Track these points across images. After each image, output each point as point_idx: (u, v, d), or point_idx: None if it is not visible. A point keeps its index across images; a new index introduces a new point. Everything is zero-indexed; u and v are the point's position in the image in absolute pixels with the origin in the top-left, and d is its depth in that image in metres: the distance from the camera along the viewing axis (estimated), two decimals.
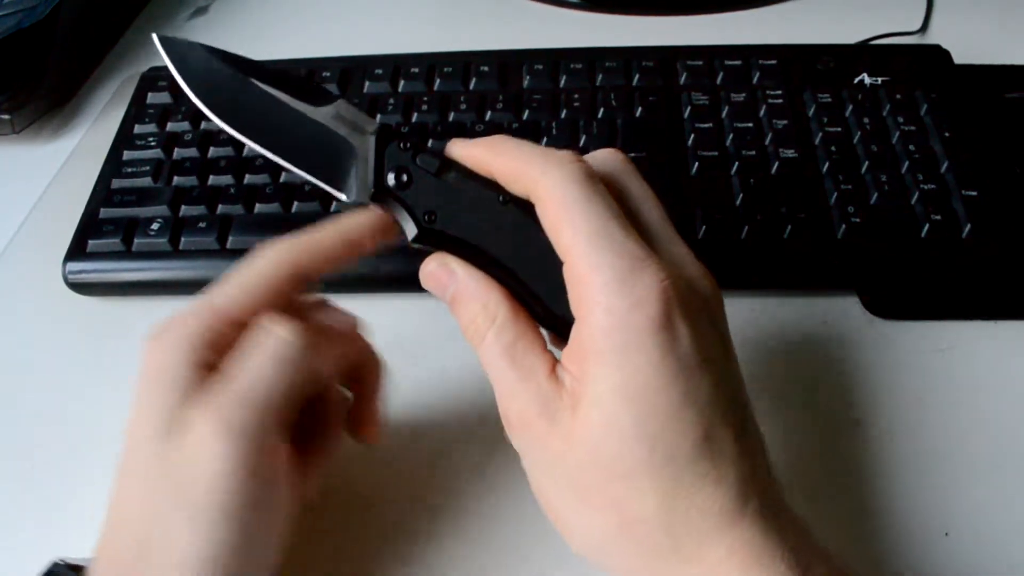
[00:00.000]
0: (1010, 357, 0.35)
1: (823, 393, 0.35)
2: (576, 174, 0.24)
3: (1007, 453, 0.32)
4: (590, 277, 0.22)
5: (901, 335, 0.36)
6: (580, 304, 0.23)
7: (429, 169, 0.26)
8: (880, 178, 0.38)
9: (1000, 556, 0.30)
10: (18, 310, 0.41)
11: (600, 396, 0.22)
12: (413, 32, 0.54)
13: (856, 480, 0.32)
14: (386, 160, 0.26)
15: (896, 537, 0.30)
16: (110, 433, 0.36)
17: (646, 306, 0.22)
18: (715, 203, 0.38)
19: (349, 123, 0.27)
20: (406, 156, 0.26)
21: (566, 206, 0.23)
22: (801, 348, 0.36)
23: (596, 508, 0.23)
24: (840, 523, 0.31)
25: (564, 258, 0.23)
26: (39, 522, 0.33)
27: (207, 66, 0.27)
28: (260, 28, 0.56)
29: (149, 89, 0.46)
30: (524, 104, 0.43)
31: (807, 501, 0.31)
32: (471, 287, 0.25)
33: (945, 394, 0.34)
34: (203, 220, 0.39)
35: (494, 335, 0.24)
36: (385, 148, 0.26)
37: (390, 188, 0.26)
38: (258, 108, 0.26)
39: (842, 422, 0.34)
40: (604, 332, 0.22)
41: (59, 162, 0.47)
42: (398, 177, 0.26)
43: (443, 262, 0.26)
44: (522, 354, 0.24)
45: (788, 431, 0.33)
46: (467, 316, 0.25)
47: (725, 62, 0.44)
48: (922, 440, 0.33)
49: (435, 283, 0.26)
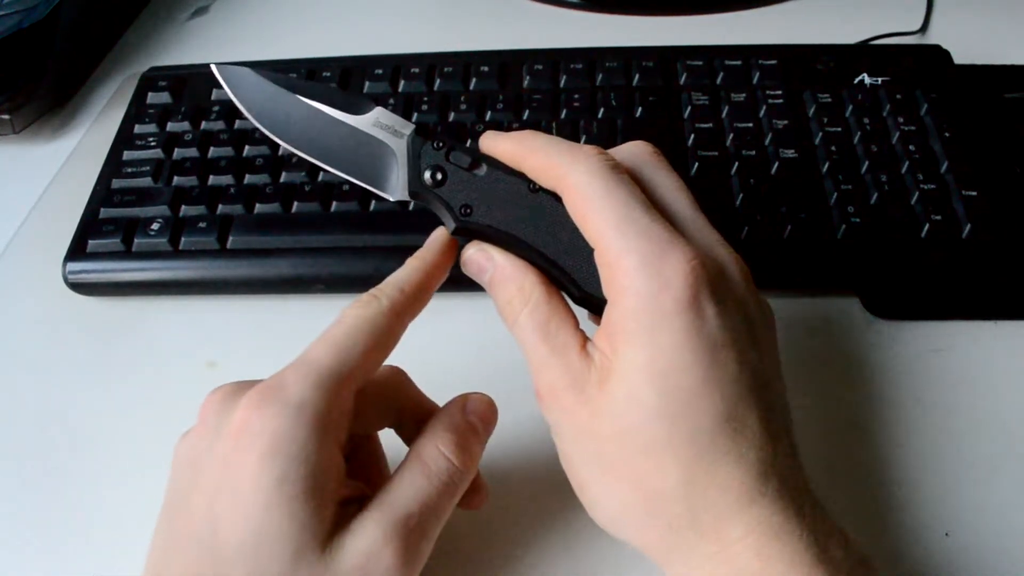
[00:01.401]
0: (1010, 357, 0.35)
1: (823, 393, 0.35)
2: (600, 167, 0.25)
3: (1007, 453, 0.32)
4: (618, 262, 0.24)
5: (901, 335, 0.36)
6: (611, 287, 0.24)
7: (461, 165, 0.27)
8: (880, 178, 0.38)
9: (1000, 556, 0.30)
10: (18, 310, 0.41)
11: (626, 373, 0.23)
12: (413, 32, 0.54)
13: (856, 480, 0.32)
14: (421, 160, 0.28)
15: (896, 537, 0.30)
16: (110, 433, 0.36)
17: (673, 288, 0.23)
18: (715, 203, 0.38)
19: (388, 128, 0.28)
20: (440, 155, 0.28)
21: (591, 198, 0.24)
22: (801, 348, 0.36)
23: (619, 480, 0.24)
24: (840, 523, 0.31)
25: (595, 246, 0.25)
26: (38, 522, 0.33)
27: (259, 88, 0.29)
28: (260, 28, 0.56)
29: (149, 89, 0.46)
30: (524, 104, 0.43)
31: None
32: (508, 270, 0.27)
33: (945, 394, 0.34)
34: (203, 220, 0.39)
35: (528, 313, 0.26)
36: (420, 149, 0.28)
37: (427, 186, 0.28)
38: (306, 122, 0.29)
39: (842, 422, 0.34)
40: (633, 314, 0.23)
41: (59, 162, 0.47)
42: (433, 175, 0.28)
43: (482, 247, 0.27)
44: (555, 331, 0.25)
45: None
46: (504, 297, 0.26)
47: (725, 62, 0.44)
48: (922, 440, 0.33)
49: (475, 267, 0.27)
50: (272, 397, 0.24)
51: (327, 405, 0.24)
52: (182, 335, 0.39)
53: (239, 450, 0.23)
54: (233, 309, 0.39)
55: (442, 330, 0.36)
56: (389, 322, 0.26)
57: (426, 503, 0.25)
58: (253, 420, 0.23)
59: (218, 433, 0.24)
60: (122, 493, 0.33)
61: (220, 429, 0.24)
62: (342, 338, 0.25)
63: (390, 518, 0.24)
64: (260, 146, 0.42)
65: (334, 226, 0.39)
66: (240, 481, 0.23)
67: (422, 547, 0.25)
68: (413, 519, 0.24)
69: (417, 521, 0.24)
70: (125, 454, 0.35)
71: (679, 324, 0.23)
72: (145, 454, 0.33)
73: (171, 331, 0.39)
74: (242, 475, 0.23)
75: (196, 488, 0.24)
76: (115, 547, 0.32)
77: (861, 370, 0.35)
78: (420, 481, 0.25)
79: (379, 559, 0.23)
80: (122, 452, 0.35)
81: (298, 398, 0.23)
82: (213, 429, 0.24)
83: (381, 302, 0.26)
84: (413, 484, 0.25)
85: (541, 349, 0.25)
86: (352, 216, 0.39)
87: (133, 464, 0.34)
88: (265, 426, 0.23)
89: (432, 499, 0.25)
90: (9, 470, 0.35)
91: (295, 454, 0.23)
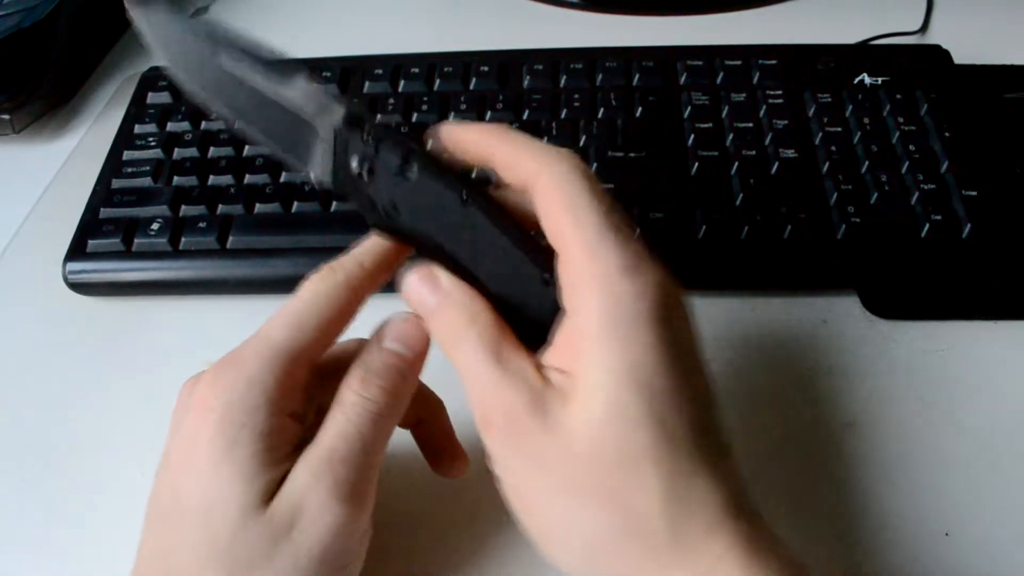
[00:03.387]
0: (1010, 357, 0.35)
1: (823, 393, 0.35)
2: (579, 169, 0.24)
3: (1007, 453, 0.32)
4: (594, 265, 0.22)
5: (901, 335, 0.36)
6: (576, 292, 0.23)
7: (390, 164, 0.25)
8: (880, 178, 0.38)
9: (1000, 556, 0.30)
10: (18, 310, 0.41)
11: (601, 381, 0.22)
12: (413, 32, 0.54)
13: (856, 480, 0.32)
14: (349, 149, 0.26)
15: (896, 537, 0.30)
16: (110, 433, 0.36)
17: (649, 297, 0.22)
18: (715, 203, 0.38)
19: (317, 103, 0.27)
20: (368, 148, 0.25)
21: (571, 198, 0.23)
22: (801, 348, 0.36)
23: (589, 505, 0.22)
24: (840, 523, 0.31)
25: (564, 249, 0.23)
26: (37, 522, 0.33)
27: (181, 36, 0.28)
28: (260, 28, 0.56)
29: (149, 89, 0.46)
30: (524, 104, 0.43)
31: (806, 501, 0.31)
32: (455, 294, 0.25)
33: (945, 394, 0.34)
34: (203, 220, 0.39)
35: (477, 336, 0.24)
36: (348, 137, 0.26)
37: (353, 178, 0.26)
38: (229, 81, 0.28)
39: (841, 422, 0.34)
40: (607, 315, 0.22)
41: (59, 162, 0.47)
42: (360, 167, 0.26)
43: (429, 273, 0.25)
44: (508, 354, 0.24)
45: (788, 430, 0.33)
46: (447, 320, 0.25)
47: (725, 62, 0.44)
48: (922, 440, 0.33)
49: (417, 296, 0.26)
50: (227, 371, 0.25)
51: (277, 380, 0.25)
52: (182, 335, 0.39)
53: (200, 423, 0.25)
54: (233, 309, 0.39)
55: None
56: (346, 297, 0.26)
57: (347, 436, 0.25)
58: (209, 395, 0.25)
59: (185, 406, 0.26)
60: (122, 493, 0.33)
61: (188, 404, 0.26)
62: (297, 314, 0.26)
63: (315, 457, 0.25)
64: (260, 146, 0.42)
65: (334, 226, 0.39)
66: (198, 451, 0.25)
67: (353, 478, 0.25)
68: (337, 453, 0.25)
69: (342, 454, 0.25)
70: (125, 454, 0.35)
71: (654, 330, 0.22)
72: (145, 454, 0.33)
73: (171, 331, 0.39)
74: (199, 445, 0.24)
75: (167, 465, 0.26)
76: (115, 547, 0.32)
77: (861, 370, 0.35)
78: (338, 419, 0.25)
79: (312, 495, 0.24)
80: (122, 452, 0.35)
81: (248, 372, 0.25)
82: (184, 404, 0.26)
83: (338, 276, 0.26)
84: (333, 425, 0.26)
85: (494, 375, 0.23)
86: (352, 216, 0.39)
87: (133, 464, 0.34)
88: (219, 398, 0.25)
89: (352, 432, 0.25)
90: (9, 470, 0.35)
91: (244, 422, 0.24)
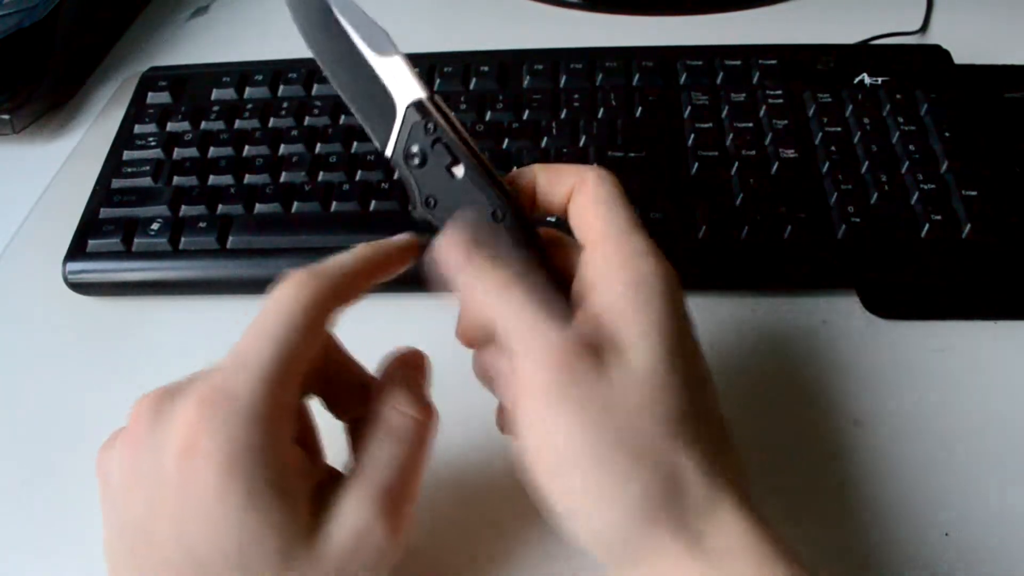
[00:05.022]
0: (1010, 357, 0.35)
1: (823, 393, 0.35)
2: (612, 177, 0.27)
3: (1007, 453, 0.32)
4: (622, 247, 0.25)
5: (901, 335, 0.36)
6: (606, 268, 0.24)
7: (442, 158, 0.27)
8: (880, 178, 0.38)
9: (1000, 556, 0.30)
10: (18, 310, 0.41)
11: (647, 342, 0.23)
12: (413, 32, 0.53)
13: (856, 480, 0.32)
14: (412, 133, 0.27)
15: (896, 537, 0.30)
16: (110, 433, 0.36)
17: (665, 278, 0.24)
18: (715, 203, 0.38)
19: (404, 81, 0.28)
20: (427, 140, 0.27)
21: (606, 194, 0.26)
22: (801, 348, 0.36)
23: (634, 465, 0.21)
24: (840, 523, 0.31)
25: (595, 236, 0.25)
26: (37, 522, 0.33)
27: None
28: (260, 28, 0.56)
29: (149, 89, 0.46)
30: (524, 104, 0.43)
31: (806, 500, 0.31)
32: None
33: (945, 394, 0.34)
34: (203, 220, 0.39)
35: (522, 291, 0.24)
36: (412, 123, 0.27)
37: (407, 162, 0.27)
38: (335, 41, 0.29)
39: (842, 422, 0.34)
40: (637, 289, 0.24)
41: (59, 162, 0.47)
42: (416, 152, 0.27)
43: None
44: (562, 306, 0.24)
45: (788, 430, 0.33)
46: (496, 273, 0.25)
47: (725, 62, 0.44)
48: (922, 440, 0.33)
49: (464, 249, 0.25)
50: (217, 407, 0.22)
51: (275, 404, 0.23)
52: (182, 335, 0.39)
53: (196, 470, 0.22)
54: (233, 309, 0.39)
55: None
56: (323, 307, 0.24)
57: (403, 466, 0.24)
58: (201, 436, 0.22)
59: (159, 449, 0.23)
60: None
61: (161, 444, 0.23)
62: (279, 328, 0.23)
63: (373, 491, 0.24)
64: (260, 146, 0.42)
65: (334, 226, 0.39)
66: (206, 503, 0.22)
67: (408, 510, 0.24)
68: (396, 486, 0.24)
69: (400, 486, 0.24)
70: None
71: (673, 305, 0.24)
72: None
73: (171, 331, 0.39)
74: (207, 496, 0.22)
75: (154, 515, 0.23)
76: None
77: (861, 370, 0.35)
78: (391, 446, 0.24)
79: (370, 533, 0.23)
80: None
81: (244, 404, 0.22)
82: (149, 445, 0.23)
83: (315, 284, 0.24)
84: (385, 451, 0.24)
85: (548, 321, 0.23)
86: (352, 216, 0.39)
87: None
88: (217, 441, 0.22)
89: (407, 460, 0.24)
90: (9, 470, 0.35)
91: (255, 463, 0.22)
